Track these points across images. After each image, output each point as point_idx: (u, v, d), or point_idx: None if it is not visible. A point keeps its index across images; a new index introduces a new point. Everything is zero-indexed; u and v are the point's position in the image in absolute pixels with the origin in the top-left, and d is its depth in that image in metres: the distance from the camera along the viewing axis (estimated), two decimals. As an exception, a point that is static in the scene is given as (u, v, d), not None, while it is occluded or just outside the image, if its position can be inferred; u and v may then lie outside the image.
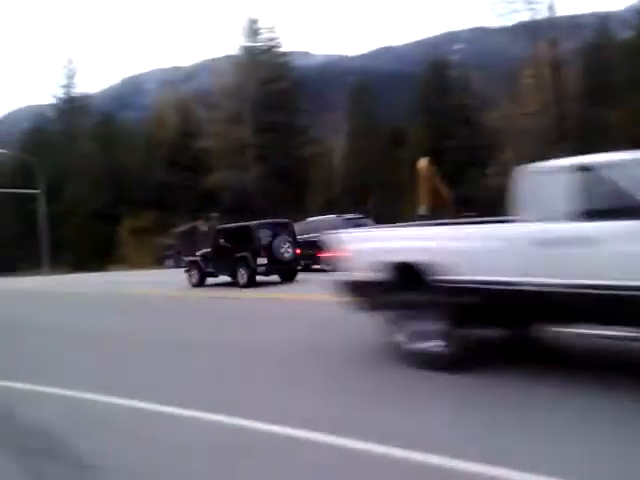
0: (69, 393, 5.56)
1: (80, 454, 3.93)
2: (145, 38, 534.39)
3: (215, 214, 41.03)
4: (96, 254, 49.39)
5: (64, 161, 54.74)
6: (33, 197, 43.34)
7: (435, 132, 40.77)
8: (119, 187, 53.91)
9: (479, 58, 57.97)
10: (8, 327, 11.82)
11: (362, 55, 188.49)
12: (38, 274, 40.51)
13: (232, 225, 19.09)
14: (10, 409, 5.19)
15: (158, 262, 41.08)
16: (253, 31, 49.74)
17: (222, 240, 17.82)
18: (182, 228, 40.49)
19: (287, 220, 18.64)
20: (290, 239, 17.17)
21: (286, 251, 16.76)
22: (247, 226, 17.48)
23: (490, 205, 35.56)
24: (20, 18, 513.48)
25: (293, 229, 17.93)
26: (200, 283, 18.28)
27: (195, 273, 18.42)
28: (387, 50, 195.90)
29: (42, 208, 40.59)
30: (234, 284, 16.70)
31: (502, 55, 38.18)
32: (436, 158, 31.17)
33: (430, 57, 48.48)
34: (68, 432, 4.43)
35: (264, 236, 16.85)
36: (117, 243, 50.01)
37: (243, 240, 16.93)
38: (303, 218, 41.17)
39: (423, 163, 28.47)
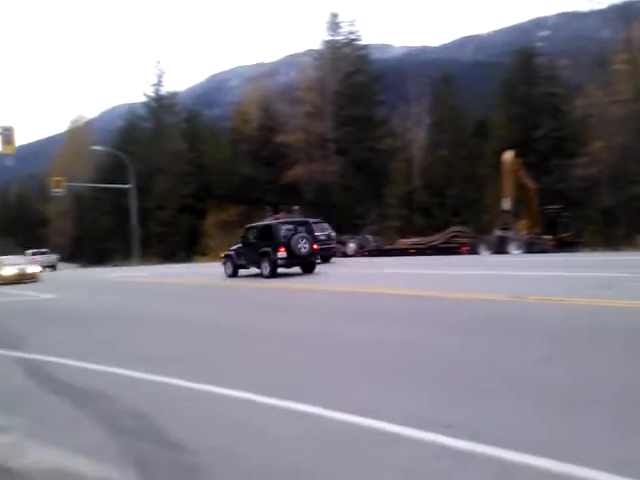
0: (164, 379, 5.84)
1: (176, 438, 4.14)
2: (229, 36, 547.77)
3: (296, 207, 41.65)
4: (183, 246, 51.51)
5: (154, 157, 57.30)
6: (125, 192, 45.65)
7: (520, 123, 39.44)
8: (205, 182, 55.85)
9: (567, 44, 55.61)
10: (107, 315, 12.66)
11: (444, 45, 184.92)
12: (129, 265, 42.76)
13: (257, 224, 21.58)
14: (112, 393, 5.54)
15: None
16: (335, 25, 49.99)
17: (250, 236, 20.07)
18: (264, 222, 41.35)
19: (306, 219, 21.28)
20: (307, 236, 19.13)
21: (303, 246, 18.73)
22: (269, 224, 20.17)
23: (577, 198, 34.30)
24: (114, 21, 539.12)
25: (311, 227, 20.18)
26: (234, 274, 20.51)
27: (229, 265, 20.73)
28: (470, 39, 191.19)
29: (133, 202, 42.66)
30: (260, 275, 18.86)
31: (591, 40, 36.48)
32: (521, 150, 30.33)
33: (516, 45, 46.96)
34: (165, 416, 4.67)
35: (284, 233, 18.97)
36: (202, 235, 51.80)
37: (266, 237, 19.12)
38: (382, 211, 41.20)
39: (508, 156, 27.77)
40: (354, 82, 47.99)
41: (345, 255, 34.79)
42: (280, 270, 18.83)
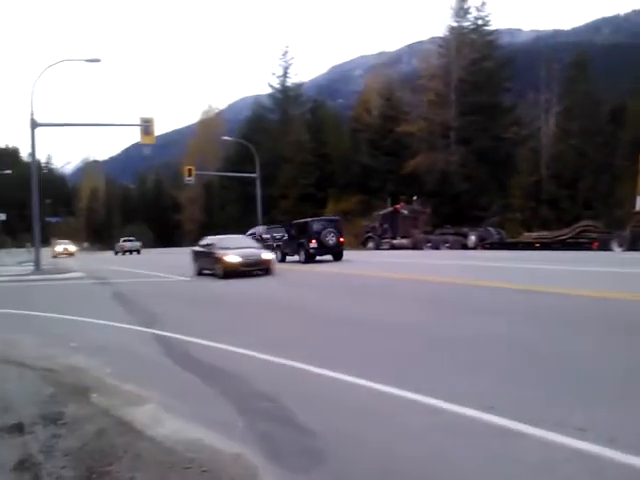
0: (292, 363, 6.16)
1: (303, 420, 4.38)
2: (351, 26, 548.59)
3: (416, 197, 41.34)
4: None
5: (278, 147, 59.20)
6: (251, 181, 47.60)
7: (663, 109, 36.40)
8: (326, 171, 56.88)
9: None
10: (236, 298, 13.43)
11: (577, 28, 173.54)
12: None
13: (297, 221, 26.89)
14: (243, 373, 5.95)
15: (361, 244, 42.64)
16: (462, 10, 48.68)
17: (292, 231, 26.05)
18: (383, 211, 41.49)
19: (336, 217, 28.18)
20: (334, 230, 24.20)
21: (331, 239, 23.98)
22: (305, 222, 25.21)
23: None
24: (241, 16, 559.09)
25: (340, 223, 25.72)
26: (282, 260, 25.68)
27: (278, 253, 26.14)
28: (606, 21, 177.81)
29: (258, 191, 44.35)
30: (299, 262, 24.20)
31: None
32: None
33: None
34: (293, 399, 4.93)
35: (316, 228, 24.12)
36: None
37: (302, 231, 24.64)
38: (505, 202, 39.74)
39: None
40: (480, 69, 46.51)
41: (465, 247, 34.08)
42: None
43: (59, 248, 55.13)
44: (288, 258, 25.86)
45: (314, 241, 23.73)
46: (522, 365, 5.71)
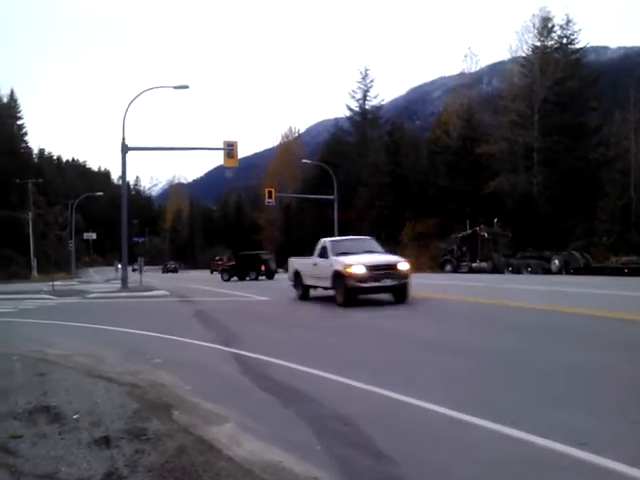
0: (372, 388, 6.04)
1: (381, 446, 4.28)
2: (430, 48, 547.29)
3: (497, 219, 40.35)
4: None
5: (356, 169, 59.51)
6: (328, 203, 48.04)
7: None
8: (403, 193, 56.55)
9: None
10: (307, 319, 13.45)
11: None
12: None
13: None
14: (320, 396, 5.91)
15: (438, 266, 41.98)
16: (546, 30, 47.53)
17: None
18: (462, 233, 40.75)
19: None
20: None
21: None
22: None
23: None
24: (319, 38, 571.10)
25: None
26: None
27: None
28: None
29: (336, 213, 44.67)
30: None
31: None
32: None
33: None
34: (372, 424, 4.84)
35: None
36: (399, 247, 52.41)
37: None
38: (591, 225, 38.04)
39: None
40: (565, 88, 45.11)
41: (548, 272, 32.81)
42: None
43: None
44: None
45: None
46: (621, 400, 5.39)
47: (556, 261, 33.32)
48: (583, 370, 6.72)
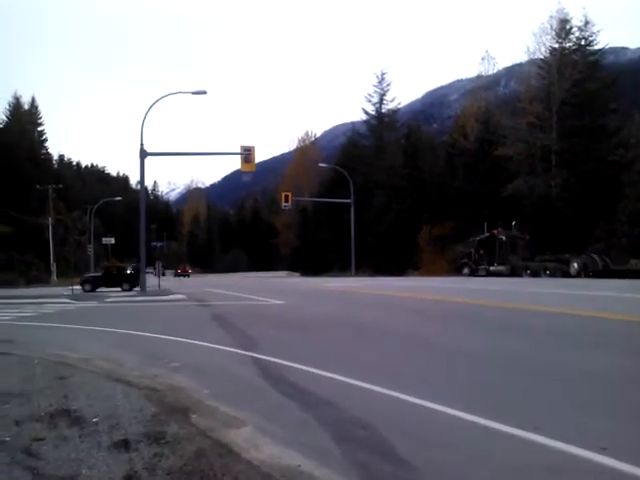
0: (392, 393, 5.97)
1: (401, 452, 4.24)
2: (447, 50, 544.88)
3: (515, 222, 40.05)
4: (396, 260, 52.55)
5: (372, 173, 59.45)
6: (345, 206, 48.06)
7: None
8: (420, 196, 56.41)
9: None
10: (329, 323, 13.48)
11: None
12: (344, 276, 44.94)
13: None
14: (339, 400, 5.86)
15: (455, 270, 41.75)
16: (564, 31, 47.16)
17: None
18: (480, 236, 40.48)
19: None
20: None
21: None
22: None
23: None
24: (335, 41, 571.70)
25: None
26: None
27: None
28: None
29: (352, 216, 44.68)
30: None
31: None
32: None
33: None
34: (391, 429, 4.79)
35: None
36: (416, 250, 52.28)
37: None
38: (611, 228, 37.63)
39: None
40: (583, 90, 44.73)
41: (567, 275, 32.47)
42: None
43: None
44: None
45: None
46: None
47: (575, 264, 33.01)
48: (603, 374, 6.64)
